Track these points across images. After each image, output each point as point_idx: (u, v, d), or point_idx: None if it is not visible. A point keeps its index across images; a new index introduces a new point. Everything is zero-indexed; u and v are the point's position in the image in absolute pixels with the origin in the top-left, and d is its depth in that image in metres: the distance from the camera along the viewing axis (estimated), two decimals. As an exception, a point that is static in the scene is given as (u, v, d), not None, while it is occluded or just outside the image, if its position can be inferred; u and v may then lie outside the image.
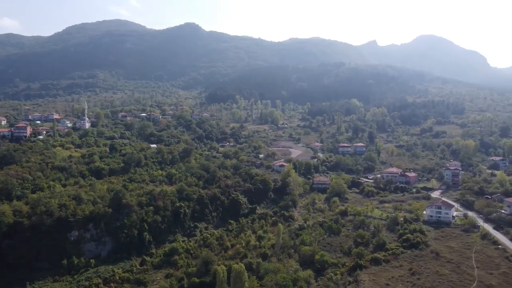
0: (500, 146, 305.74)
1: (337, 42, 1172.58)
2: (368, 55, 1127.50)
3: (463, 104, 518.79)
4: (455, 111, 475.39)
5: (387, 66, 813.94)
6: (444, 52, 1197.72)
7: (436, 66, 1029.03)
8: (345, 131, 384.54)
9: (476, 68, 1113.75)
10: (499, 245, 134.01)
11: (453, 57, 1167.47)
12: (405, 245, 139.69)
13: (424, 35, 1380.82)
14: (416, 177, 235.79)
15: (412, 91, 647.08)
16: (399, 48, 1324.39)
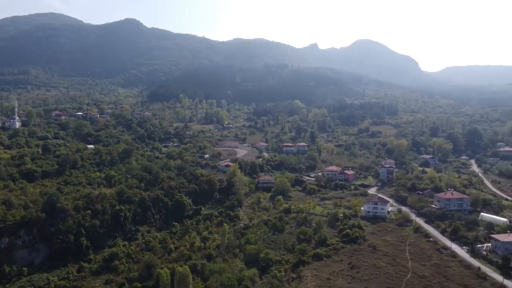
0: (430, 145, 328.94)
1: (281, 44, 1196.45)
2: (310, 58, 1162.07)
3: (397, 105, 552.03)
4: (390, 112, 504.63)
5: (327, 69, 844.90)
6: (380, 56, 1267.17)
7: (372, 69, 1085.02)
8: (289, 131, 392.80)
9: (409, 72, 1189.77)
10: (430, 237, 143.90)
11: (388, 61, 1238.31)
12: (344, 240, 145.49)
13: (361, 40, 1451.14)
14: (354, 174, 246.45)
15: (350, 93, 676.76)
16: (339, 52, 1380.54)
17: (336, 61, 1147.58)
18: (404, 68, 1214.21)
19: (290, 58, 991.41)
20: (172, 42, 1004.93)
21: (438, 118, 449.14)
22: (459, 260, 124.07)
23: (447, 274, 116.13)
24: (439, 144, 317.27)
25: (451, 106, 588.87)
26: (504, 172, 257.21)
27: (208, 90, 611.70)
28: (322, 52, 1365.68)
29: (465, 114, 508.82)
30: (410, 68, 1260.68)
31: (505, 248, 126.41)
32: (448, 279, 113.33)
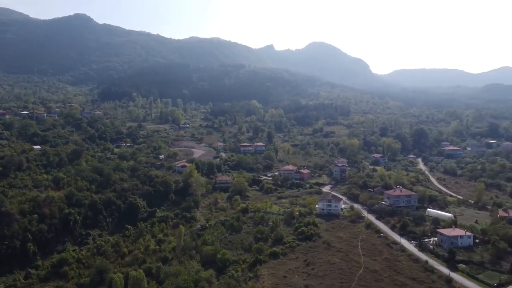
0: (380, 145, 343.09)
1: (237, 44, 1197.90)
2: (266, 59, 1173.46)
3: (349, 106, 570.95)
4: (342, 113, 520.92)
5: (283, 70, 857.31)
6: (333, 58, 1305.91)
7: (326, 71, 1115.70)
8: (246, 131, 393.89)
9: (360, 74, 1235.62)
10: (381, 233, 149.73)
11: (341, 63, 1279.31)
12: (300, 237, 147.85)
13: (316, 42, 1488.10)
14: (309, 173, 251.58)
15: (305, 94, 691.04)
16: (294, 53, 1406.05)
17: (292, 62, 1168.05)
18: (356, 70, 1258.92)
19: (247, 58, 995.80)
20: (125, 39, 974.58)
21: (387, 119, 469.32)
22: (408, 254, 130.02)
23: (397, 268, 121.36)
24: (388, 143, 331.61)
25: (399, 107, 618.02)
26: (449, 170, 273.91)
27: (163, 88, 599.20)
28: (278, 53, 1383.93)
29: (413, 115, 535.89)
30: (362, 70, 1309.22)
31: (450, 242, 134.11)
32: (398, 272, 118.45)
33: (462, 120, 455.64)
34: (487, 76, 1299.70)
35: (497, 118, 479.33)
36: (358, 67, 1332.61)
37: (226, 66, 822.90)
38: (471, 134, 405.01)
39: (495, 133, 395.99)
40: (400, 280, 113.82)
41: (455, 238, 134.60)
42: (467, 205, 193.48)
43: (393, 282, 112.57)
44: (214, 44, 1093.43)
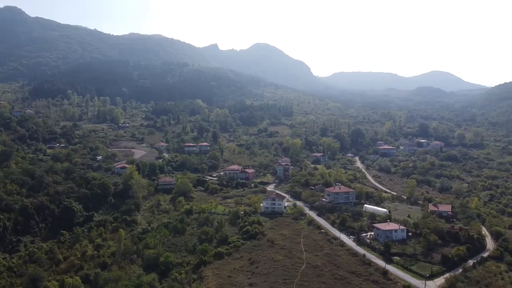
0: (321, 144, 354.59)
1: (180, 42, 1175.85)
2: (210, 58, 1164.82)
3: (292, 107, 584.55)
4: (286, 113, 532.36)
5: (228, 70, 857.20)
6: (276, 60, 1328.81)
7: (270, 72, 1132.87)
8: (190, 130, 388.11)
9: (302, 76, 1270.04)
10: (322, 229, 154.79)
11: (284, 65, 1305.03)
12: (245, 236, 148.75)
13: (259, 43, 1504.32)
14: (254, 173, 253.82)
15: (250, 94, 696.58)
16: (238, 54, 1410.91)
17: (236, 62, 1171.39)
18: (298, 72, 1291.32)
19: (190, 57, 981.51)
20: (59, 33, 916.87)
21: (327, 120, 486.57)
22: (347, 248, 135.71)
23: (337, 262, 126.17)
24: (328, 143, 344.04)
25: (338, 108, 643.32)
26: (383, 167, 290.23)
27: (101, 86, 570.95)
28: (222, 53, 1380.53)
29: (351, 116, 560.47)
30: (303, 72, 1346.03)
31: (386, 235, 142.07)
32: (338, 267, 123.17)
33: (395, 121, 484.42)
34: (418, 80, 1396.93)
35: (427, 119, 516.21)
36: (300, 69, 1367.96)
37: (169, 64, 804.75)
38: (403, 134, 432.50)
39: (425, 132, 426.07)
40: (340, 274, 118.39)
41: (389, 232, 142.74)
42: (400, 201, 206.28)
43: (333, 276, 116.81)
44: (156, 41, 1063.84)
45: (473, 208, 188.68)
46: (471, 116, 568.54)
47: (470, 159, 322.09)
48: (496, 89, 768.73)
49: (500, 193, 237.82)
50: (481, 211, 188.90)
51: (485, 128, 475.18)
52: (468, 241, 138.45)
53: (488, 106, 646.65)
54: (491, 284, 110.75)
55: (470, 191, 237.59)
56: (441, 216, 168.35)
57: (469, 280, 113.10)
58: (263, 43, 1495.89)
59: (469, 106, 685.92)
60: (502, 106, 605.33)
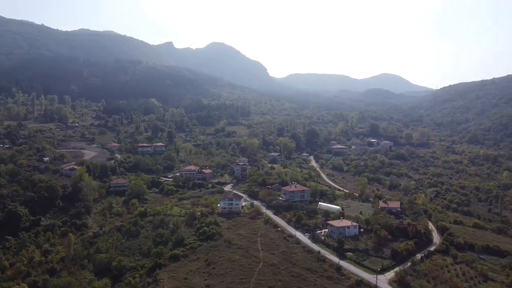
0: (277, 144, 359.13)
1: (133, 39, 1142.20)
2: (165, 56, 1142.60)
3: (249, 107, 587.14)
4: (243, 113, 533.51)
5: (184, 69, 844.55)
6: (233, 60, 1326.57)
7: (227, 72, 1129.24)
8: (144, 130, 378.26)
9: (259, 77, 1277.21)
10: (278, 228, 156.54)
11: (240, 65, 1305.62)
12: (202, 238, 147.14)
13: (216, 42, 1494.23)
14: (211, 173, 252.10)
15: (207, 94, 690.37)
16: (194, 52, 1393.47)
17: (192, 61, 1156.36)
18: (254, 72, 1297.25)
19: (144, 55, 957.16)
20: (3, 28, 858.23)
21: (283, 120, 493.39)
22: (302, 246, 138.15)
23: (293, 260, 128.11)
24: (284, 142, 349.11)
25: (294, 109, 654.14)
26: (336, 166, 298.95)
27: (49, 84, 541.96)
28: (177, 51, 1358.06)
29: (306, 116, 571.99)
30: (260, 73, 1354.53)
31: (339, 232, 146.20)
32: (294, 264, 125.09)
33: (347, 121, 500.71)
34: (369, 82, 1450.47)
35: (377, 119, 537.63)
36: (257, 69, 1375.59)
37: (121, 61, 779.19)
38: (355, 134, 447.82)
39: (376, 132, 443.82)
40: (296, 271, 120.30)
41: (343, 229, 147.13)
42: (353, 198, 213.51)
43: (290, 274, 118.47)
44: (108, 38, 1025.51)
45: (420, 204, 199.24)
46: (418, 116, 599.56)
47: (417, 157, 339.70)
48: (441, 91, 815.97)
49: (445, 189, 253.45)
50: (427, 207, 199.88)
51: (431, 128, 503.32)
52: (416, 236, 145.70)
53: (434, 107, 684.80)
54: (438, 276, 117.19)
55: (417, 188, 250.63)
56: (391, 212, 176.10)
57: (417, 273, 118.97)
58: (219, 43, 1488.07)
59: (416, 107, 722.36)
60: (446, 107, 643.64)
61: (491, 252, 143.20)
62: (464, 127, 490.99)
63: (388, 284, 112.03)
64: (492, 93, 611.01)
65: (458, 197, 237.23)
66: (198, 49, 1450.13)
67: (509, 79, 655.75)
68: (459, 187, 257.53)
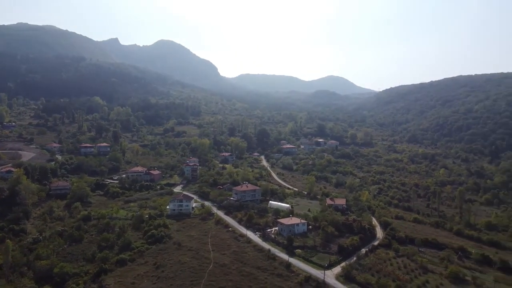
0: (229, 144, 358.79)
1: (76, 35, 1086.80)
2: (110, 53, 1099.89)
3: (200, 107, 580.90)
4: (193, 113, 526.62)
5: (131, 66, 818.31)
6: (183, 58, 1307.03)
7: (176, 70, 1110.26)
8: (88, 130, 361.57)
9: (210, 76, 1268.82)
10: (230, 228, 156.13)
11: (190, 63, 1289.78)
12: (150, 241, 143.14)
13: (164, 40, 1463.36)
14: (160, 174, 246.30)
15: (155, 92, 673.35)
16: (141, 50, 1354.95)
17: (139, 59, 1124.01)
18: (205, 72, 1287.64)
19: (88, 51, 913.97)
20: None
21: (235, 120, 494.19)
22: (253, 245, 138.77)
23: (244, 259, 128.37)
24: (236, 142, 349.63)
25: (245, 109, 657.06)
26: (286, 165, 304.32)
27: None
28: (123, 48, 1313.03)
29: (257, 117, 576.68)
30: (211, 72, 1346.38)
31: (289, 230, 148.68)
32: (245, 263, 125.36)
33: (296, 122, 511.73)
34: (317, 83, 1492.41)
35: (324, 120, 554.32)
36: (207, 69, 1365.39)
37: (63, 57, 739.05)
38: (304, 134, 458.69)
39: (323, 132, 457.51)
40: (247, 270, 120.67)
41: (292, 226, 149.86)
42: (302, 196, 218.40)
43: (240, 274, 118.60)
44: (48, 33, 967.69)
45: (365, 201, 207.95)
46: (362, 117, 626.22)
47: (361, 156, 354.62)
48: (383, 93, 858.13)
49: (387, 186, 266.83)
50: (371, 203, 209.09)
51: (374, 128, 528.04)
52: (361, 231, 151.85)
53: (376, 108, 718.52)
54: (382, 270, 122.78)
55: (362, 185, 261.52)
56: (337, 209, 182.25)
57: (362, 267, 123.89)
58: (168, 40, 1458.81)
59: (361, 108, 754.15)
60: (388, 109, 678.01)
61: (430, 245, 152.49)
62: (404, 127, 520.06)
63: (335, 279, 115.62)
64: (429, 95, 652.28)
65: (399, 193, 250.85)
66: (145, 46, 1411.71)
67: (445, 82, 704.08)
68: (400, 184, 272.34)
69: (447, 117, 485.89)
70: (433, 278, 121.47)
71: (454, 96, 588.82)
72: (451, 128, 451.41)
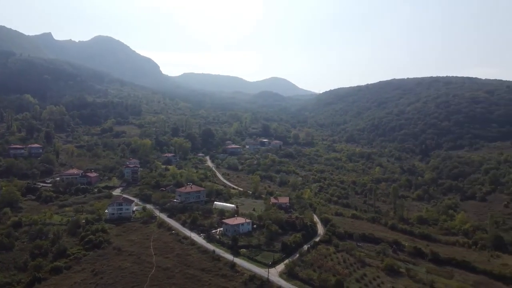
0: (172, 144, 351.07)
1: (5, 28, 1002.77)
2: (43, 48, 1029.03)
3: (140, 106, 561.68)
4: (133, 112, 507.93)
5: (65, 63, 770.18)
6: (122, 55, 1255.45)
7: (115, 68, 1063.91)
8: (18, 130, 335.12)
9: (151, 74, 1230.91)
10: (173, 230, 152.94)
11: (130, 61, 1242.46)
12: (87, 247, 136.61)
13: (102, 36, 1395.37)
14: (98, 176, 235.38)
15: (92, 90, 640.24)
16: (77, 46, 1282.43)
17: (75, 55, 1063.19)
18: (146, 69, 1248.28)
19: (18, 46, 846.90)
20: None
21: (178, 119, 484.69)
22: (197, 247, 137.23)
23: (188, 261, 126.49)
24: (179, 143, 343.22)
25: (189, 108, 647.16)
26: (231, 165, 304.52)
27: None
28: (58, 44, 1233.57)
29: (201, 116, 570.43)
30: (152, 70, 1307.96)
31: (234, 230, 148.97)
32: (189, 266, 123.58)
33: (242, 122, 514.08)
34: (261, 84, 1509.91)
35: (268, 120, 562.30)
36: (149, 66, 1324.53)
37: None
38: (249, 134, 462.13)
39: (267, 133, 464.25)
40: (191, 272, 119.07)
41: (237, 226, 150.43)
42: (247, 196, 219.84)
43: (184, 276, 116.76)
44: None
45: (306, 199, 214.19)
46: (304, 118, 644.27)
47: (303, 155, 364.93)
48: (323, 95, 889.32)
49: (327, 184, 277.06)
50: (312, 201, 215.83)
51: (315, 128, 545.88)
52: (303, 229, 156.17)
53: (317, 109, 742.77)
54: (323, 265, 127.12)
55: (304, 184, 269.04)
56: (281, 208, 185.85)
57: (304, 263, 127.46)
58: (106, 36, 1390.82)
59: (303, 109, 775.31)
60: (328, 110, 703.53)
61: (367, 239, 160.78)
62: (343, 128, 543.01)
63: (279, 276, 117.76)
64: (366, 97, 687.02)
65: (338, 191, 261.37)
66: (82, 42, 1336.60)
67: (380, 85, 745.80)
68: (339, 182, 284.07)
69: (381, 118, 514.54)
70: (370, 271, 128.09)
71: (388, 98, 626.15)
72: (386, 128, 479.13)
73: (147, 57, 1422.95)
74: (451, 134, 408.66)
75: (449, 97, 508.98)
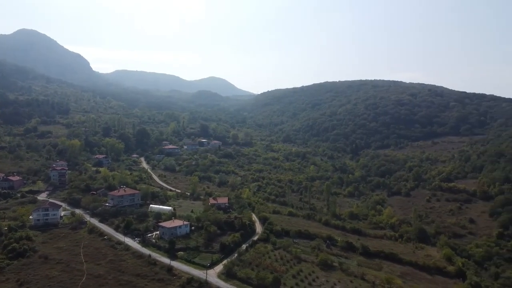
0: (104, 145, 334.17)
1: None
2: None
3: (68, 104, 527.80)
4: (61, 111, 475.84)
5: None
6: (48, 50, 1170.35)
7: (40, 63, 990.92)
8: None
9: (80, 71, 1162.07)
10: (105, 236, 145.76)
11: (57, 56, 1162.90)
12: (10, 255, 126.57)
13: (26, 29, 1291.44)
14: (21, 180, 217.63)
15: (14, 87, 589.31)
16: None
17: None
18: (75, 66, 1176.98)
19: None
20: None
21: (110, 119, 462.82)
22: (132, 252, 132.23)
23: (122, 267, 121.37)
24: (112, 143, 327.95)
25: (122, 107, 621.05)
26: (169, 167, 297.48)
27: None
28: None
29: (135, 116, 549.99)
30: (82, 67, 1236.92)
31: (171, 233, 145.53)
32: (123, 272, 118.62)
33: (179, 122, 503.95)
34: (199, 84, 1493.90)
35: (207, 120, 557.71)
36: (78, 62, 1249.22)
37: None
38: (187, 134, 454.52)
39: (206, 133, 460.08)
40: (125, 279, 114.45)
41: (174, 229, 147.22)
42: (185, 197, 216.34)
43: (118, 283, 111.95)
44: None
45: (245, 198, 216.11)
46: (242, 118, 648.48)
47: (242, 155, 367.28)
48: (261, 96, 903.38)
49: (265, 183, 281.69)
50: (251, 200, 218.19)
51: (254, 129, 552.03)
52: (242, 228, 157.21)
53: (256, 110, 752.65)
54: (261, 263, 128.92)
55: (243, 183, 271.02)
56: (220, 208, 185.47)
57: (243, 262, 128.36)
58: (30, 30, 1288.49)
59: (241, 109, 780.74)
60: (266, 111, 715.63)
61: (303, 236, 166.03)
62: (280, 128, 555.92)
63: (217, 277, 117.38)
64: (301, 99, 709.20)
65: (275, 189, 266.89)
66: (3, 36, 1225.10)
67: (314, 87, 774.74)
68: (277, 181, 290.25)
69: (316, 119, 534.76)
70: (306, 266, 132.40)
71: (322, 100, 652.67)
72: (319, 128, 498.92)
73: (76, 52, 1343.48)
74: (379, 134, 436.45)
75: (376, 99, 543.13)
